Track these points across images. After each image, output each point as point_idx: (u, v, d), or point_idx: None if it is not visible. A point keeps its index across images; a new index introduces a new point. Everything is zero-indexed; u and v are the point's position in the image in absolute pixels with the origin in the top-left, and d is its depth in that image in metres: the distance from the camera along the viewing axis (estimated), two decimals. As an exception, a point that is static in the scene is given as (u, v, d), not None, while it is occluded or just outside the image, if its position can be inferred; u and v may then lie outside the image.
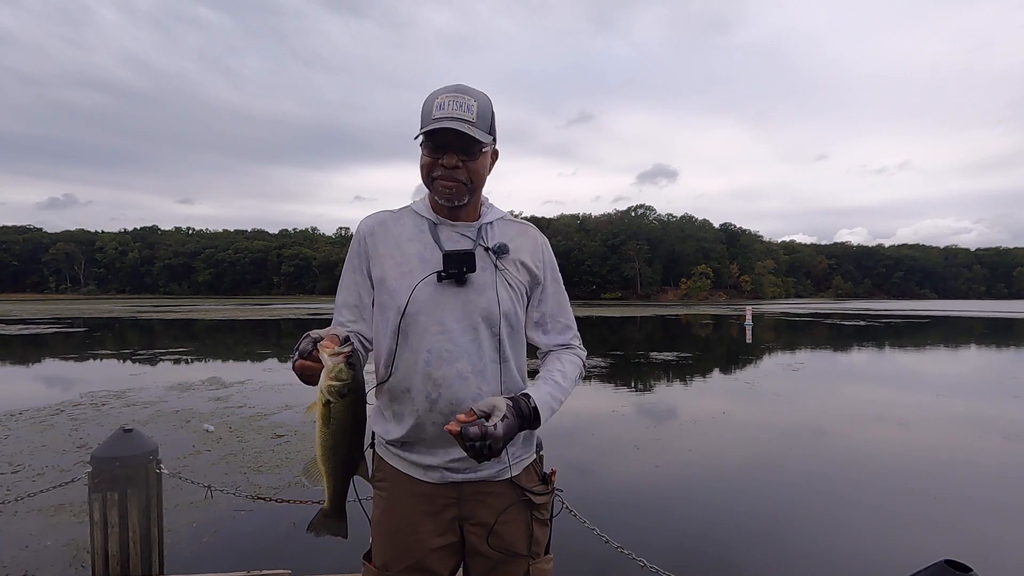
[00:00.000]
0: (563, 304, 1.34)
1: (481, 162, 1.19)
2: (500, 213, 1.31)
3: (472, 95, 1.16)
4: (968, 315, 39.63)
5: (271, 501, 3.34)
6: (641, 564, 2.32)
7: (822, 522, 3.82)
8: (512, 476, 1.24)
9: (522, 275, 1.27)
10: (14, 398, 7.85)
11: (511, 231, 1.29)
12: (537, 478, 1.32)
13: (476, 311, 1.18)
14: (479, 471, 1.21)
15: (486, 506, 1.22)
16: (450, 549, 1.24)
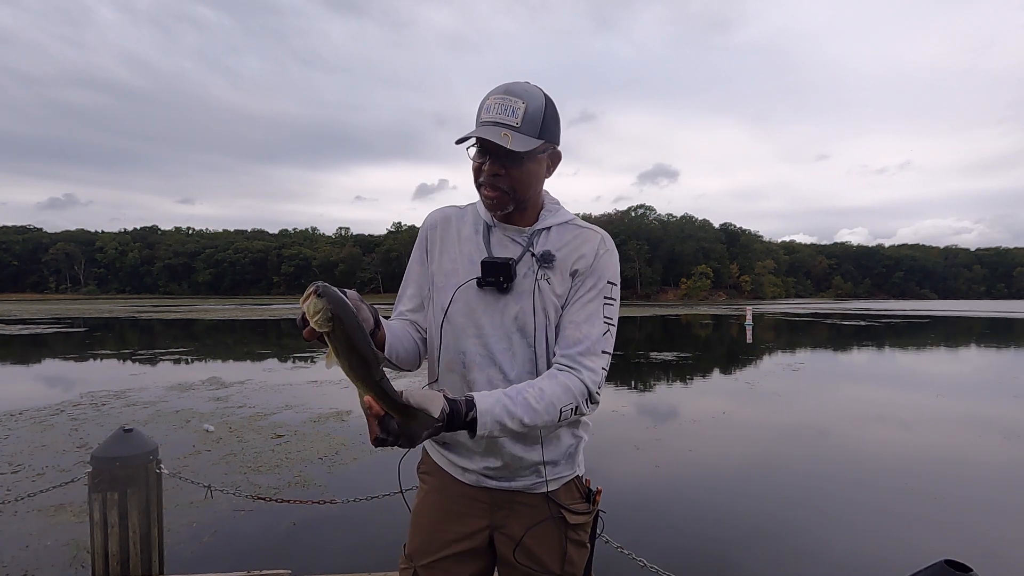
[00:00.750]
0: (590, 316, 1.15)
1: (527, 169, 1.12)
2: (565, 217, 1.22)
3: (521, 96, 1.10)
4: (968, 315, 39.64)
5: (271, 501, 3.34)
6: (641, 564, 2.32)
7: (822, 522, 3.82)
8: (549, 491, 1.20)
9: (567, 284, 1.17)
10: (14, 398, 7.85)
11: (568, 237, 1.19)
12: (579, 495, 1.25)
13: (511, 319, 1.15)
14: (514, 481, 1.18)
15: (518, 517, 1.20)
16: (474, 554, 1.21)
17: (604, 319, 1.15)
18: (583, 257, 1.17)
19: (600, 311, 1.15)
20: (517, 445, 1.17)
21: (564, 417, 1.08)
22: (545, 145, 1.14)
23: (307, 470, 4.75)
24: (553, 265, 1.16)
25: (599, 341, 1.14)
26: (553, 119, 1.15)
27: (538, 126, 1.10)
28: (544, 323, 1.15)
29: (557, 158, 1.21)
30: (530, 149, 1.08)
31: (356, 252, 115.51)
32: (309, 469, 4.77)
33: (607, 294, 1.17)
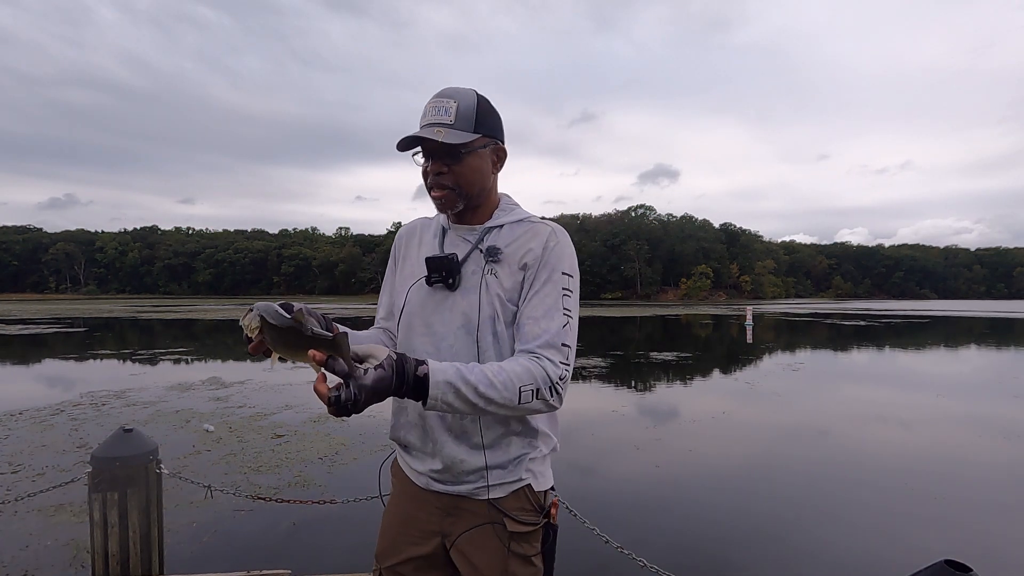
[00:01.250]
0: (548, 310, 1.10)
1: (469, 164, 1.14)
2: (519, 215, 1.22)
3: (454, 96, 1.13)
4: (968, 315, 39.64)
5: (271, 501, 3.34)
6: (641, 564, 2.32)
7: (822, 522, 3.82)
8: (491, 497, 1.16)
9: (516, 277, 1.15)
10: (14, 398, 7.85)
11: (518, 232, 1.19)
12: (530, 507, 1.20)
13: (459, 315, 1.15)
14: (459, 485, 1.17)
15: (461, 523, 1.17)
16: (430, 562, 1.20)
17: (563, 311, 1.11)
18: (531, 251, 1.15)
19: (558, 304, 1.12)
20: (460, 447, 1.15)
21: (524, 401, 1.03)
22: (484, 140, 1.16)
23: (307, 470, 4.75)
24: (500, 259, 1.15)
25: (558, 334, 1.09)
26: (488, 114, 1.16)
27: (472, 121, 1.13)
28: (490, 316, 1.13)
29: (502, 153, 1.22)
30: (466, 142, 1.11)
31: (356, 252, 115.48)
32: (309, 469, 4.77)
33: (563, 285, 1.13)
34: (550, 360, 1.07)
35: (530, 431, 1.21)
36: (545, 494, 1.25)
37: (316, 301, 73.05)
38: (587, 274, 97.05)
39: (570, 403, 7.55)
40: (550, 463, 1.29)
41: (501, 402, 1.02)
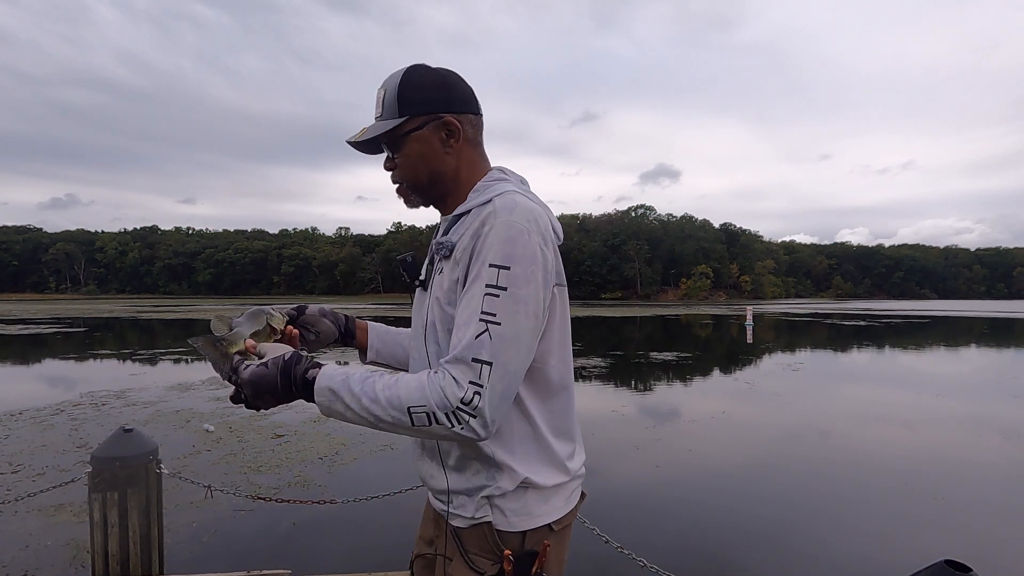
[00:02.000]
0: (469, 316, 0.89)
1: (408, 151, 1.02)
2: (488, 195, 0.98)
3: (384, 83, 1.03)
4: (968, 315, 39.65)
5: (271, 501, 3.34)
6: (641, 564, 2.31)
7: (822, 522, 3.82)
8: (454, 525, 1.02)
9: (454, 275, 0.97)
10: (14, 398, 7.85)
11: (472, 217, 0.98)
12: (488, 549, 0.98)
13: (420, 317, 1.06)
14: (436, 501, 1.08)
15: (441, 542, 1.07)
16: (428, 564, 1.14)
17: (480, 317, 0.88)
18: (463, 238, 0.96)
19: (479, 307, 0.88)
20: (430, 462, 1.06)
21: (419, 424, 0.87)
22: (418, 120, 1.00)
23: (307, 470, 4.75)
24: (449, 253, 0.98)
25: (470, 346, 0.87)
26: (417, 88, 1.01)
27: (395, 105, 1.00)
28: (432, 322, 1.01)
29: (453, 126, 1.02)
30: (387, 130, 1.00)
31: (356, 252, 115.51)
32: (309, 469, 4.77)
33: (489, 282, 0.89)
34: (453, 379, 0.86)
35: (485, 459, 0.98)
36: (520, 536, 0.99)
37: (316, 301, 72.99)
38: (587, 274, 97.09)
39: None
40: (541, 499, 1.01)
41: (391, 421, 0.88)
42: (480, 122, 1.09)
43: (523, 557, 0.98)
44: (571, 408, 1.07)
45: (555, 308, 0.97)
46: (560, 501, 1.03)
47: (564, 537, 1.07)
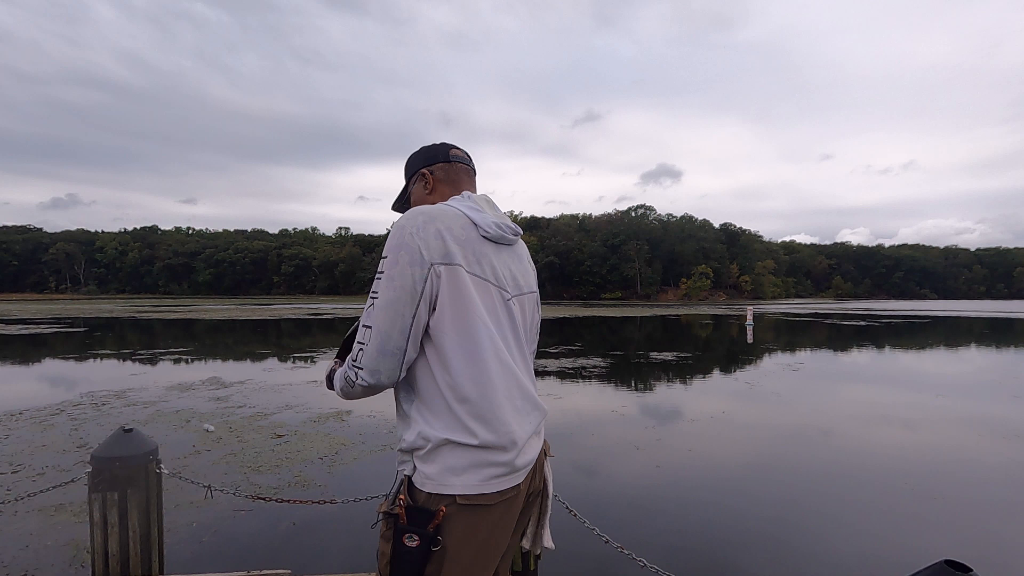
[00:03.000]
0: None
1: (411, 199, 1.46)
2: None
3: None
4: (968, 315, 39.64)
5: (271, 501, 3.34)
6: (641, 564, 2.31)
7: (822, 522, 3.82)
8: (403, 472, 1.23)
9: None
10: (14, 398, 7.85)
11: None
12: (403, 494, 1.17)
13: None
14: None
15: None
16: None
17: (370, 295, 1.20)
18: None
19: (372, 289, 1.20)
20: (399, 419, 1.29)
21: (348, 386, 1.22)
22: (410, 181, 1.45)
23: (307, 470, 4.75)
24: None
25: (363, 317, 1.19)
26: (409, 163, 1.45)
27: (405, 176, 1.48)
28: None
29: (427, 175, 1.40)
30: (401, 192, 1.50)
31: (356, 252, 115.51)
32: (309, 469, 4.77)
33: (378, 270, 1.19)
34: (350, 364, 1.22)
35: (404, 415, 1.24)
36: (425, 496, 1.14)
37: (316, 301, 73.03)
38: (587, 274, 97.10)
39: (571, 403, 7.57)
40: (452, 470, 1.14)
41: (343, 390, 1.24)
42: (452, 167, 1.40)
43: (417, 511, 1.13)
44: (489, 385, 1.17)
45: (442, 283, 1.16)
46: (472, 479, 1.14)
47: (476, 517, 1.14)
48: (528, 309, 1.37)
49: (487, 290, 1.23)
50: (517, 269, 1.34)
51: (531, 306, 1.39)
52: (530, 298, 1.38)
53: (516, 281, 1.32)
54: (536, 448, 1.27)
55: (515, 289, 1.31)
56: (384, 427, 6.18)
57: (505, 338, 1.24)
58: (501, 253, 1.30)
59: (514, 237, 1.33)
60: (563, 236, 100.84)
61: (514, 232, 1.32)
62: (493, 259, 1.26)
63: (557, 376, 10.07)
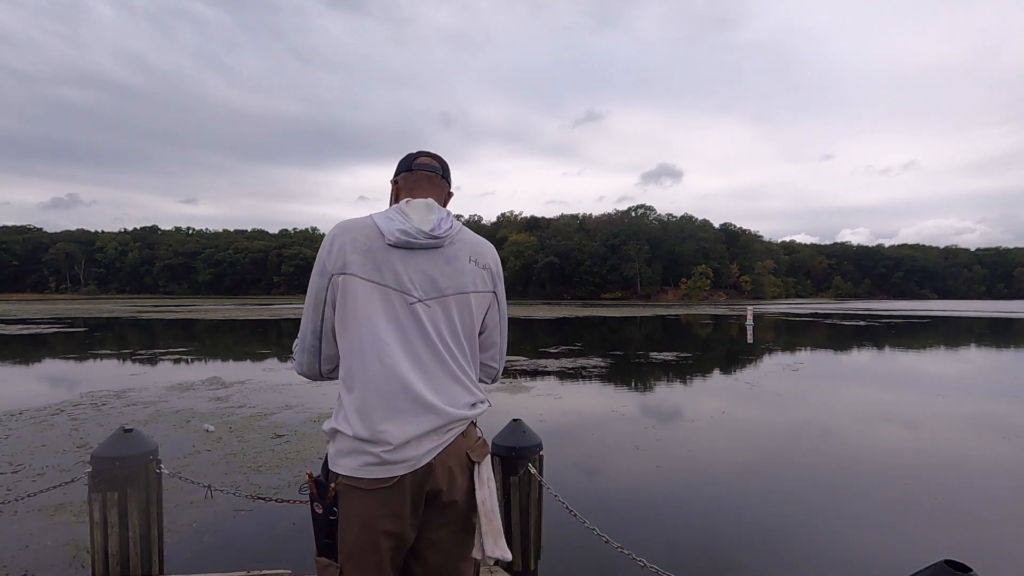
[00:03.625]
0: None
1: None
2: None
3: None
4: (968, 315, 39.64)
5: (271, 501, 3.33)
6: (641, 564, 2.31)
7: (821, 522, 3.82)
8: None
9: None
10: (14, 398, 7.85)
11: None
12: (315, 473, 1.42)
13: None
14: None
15: None
16: None
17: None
18: None
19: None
20: None
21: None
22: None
23: (307, 470, 4.74)
24: None
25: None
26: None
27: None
28: None
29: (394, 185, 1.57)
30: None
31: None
32: (309, 469, 4.77)
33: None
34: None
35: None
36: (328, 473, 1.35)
37: (316, 301, 72.90)
38: (587, 274, 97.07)
39: (571, 403, 7.57)
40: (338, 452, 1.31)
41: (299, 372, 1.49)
42: (414, 175, 1.50)
43: (319, 484, 1.33)
44: (365, 384, 1.29)
45: (339, 291, 1.31)
46: (351, 463, 1.28)
47: (356, 498, 1.27)
48: (455, 310, 1.38)
49: (385, 295, 1.30)
50: (439, 272, 1.36)
51: (461, 306, 1.39)
52: (459, 299, 1.38)
53: (434, 283, 1.35)
54: (424, 449, 1.30)
55: (429, 292, 1.34)
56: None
57: (405, 340, 1.31)
58: (414, 258, 1.34)
59: (430, 241, 1.34)
60: (563, 236, 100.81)
61: (428, 236, 1.34)
62: (398, 265, 1.32)
63: (557, 376, 10.07)
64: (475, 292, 1.43)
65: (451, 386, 1.36)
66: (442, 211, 1.41)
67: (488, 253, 1.49)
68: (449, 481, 1.34)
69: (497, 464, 2.92)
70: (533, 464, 2.87)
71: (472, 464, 1.38)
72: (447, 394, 1.34)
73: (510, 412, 6.86)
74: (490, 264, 1.48)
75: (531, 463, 2.86)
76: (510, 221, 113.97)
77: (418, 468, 1.29)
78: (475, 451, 1.39)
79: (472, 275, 1.43)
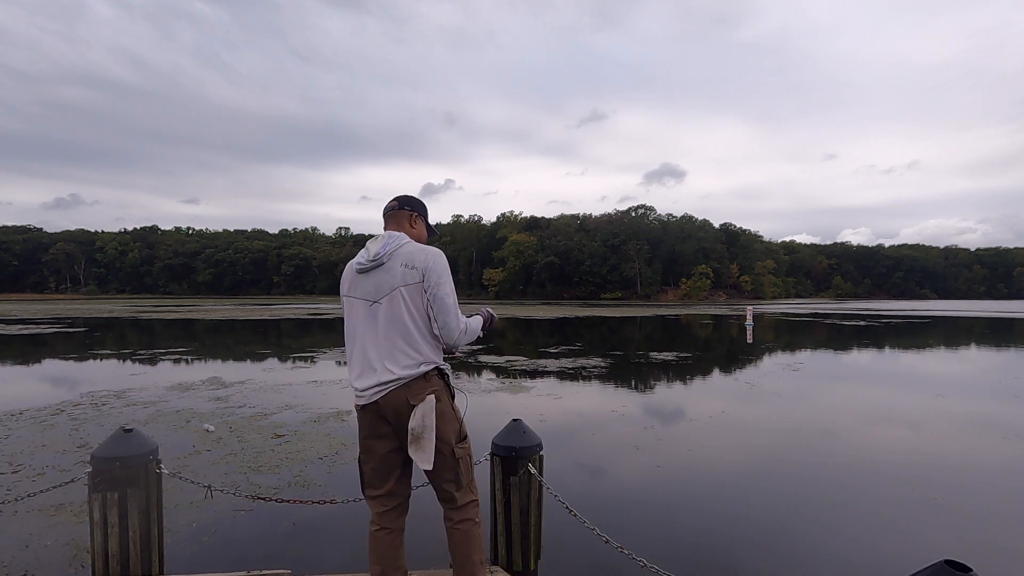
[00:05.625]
0: None
1: None
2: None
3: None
4: (968, 315, 39.64)
5: (271, 501, 3.34)
6: (641, 564, 2.31)
7: (821, 522, 3.82)
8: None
9: None
10: (14, 398, 7.85)
11: None
12: None
13: None
14: None
15: None
16: None
17: None
18: None
19: None
20: None
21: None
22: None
23: (307, 470, 4.75)
24: None
25: None
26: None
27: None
28: None
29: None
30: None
31: (356, 252, 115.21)
32: (309, 469, 4.77)
33: None
34: None
35: None
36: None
37: (316, 301, 73.01)
38: (587, 274, 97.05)
39: (571, 403, 7.57)
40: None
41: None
42: (385, 217, 2.33)
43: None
44: (351, 354, 2.18)
45: (343, 304, 2.26)
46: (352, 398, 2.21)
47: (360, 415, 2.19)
48: (392, 303, 2.10)
49: (357, 304, 2.18)
50: (381, 282, 2.12)
51: (394, 300, 2.10)
52: (392, 295, 2.10)
53: (378, 290, 2.12)
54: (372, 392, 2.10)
55: (377, 296, 2.12)
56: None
57: (371, 327, 2.12)
58: (370, 277, 2.14)
59: (373, 263, 2.12)
60: (563, 236, 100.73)
61: (371, 261, 2.13)
62: (360, 283, 2.17)
63: (557, 376, 10.07)
64: (404, 286, 2.09)
65: (394, 354, 2.08)
66: (386, 239, 2.16)
67: (419, 256, 2.11)
68: (395, 414, 2.10)
69: (497, 464, 2.93)
70: (533, 464, 2.87)
71: (411, 405, 2.07)
72: (390, 360, 2.08)
73: (510, 412, 6.86)
74: (417, 264, 2.10)
75: (531, 463, 2.86)
76: (510, 221, 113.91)
77: (368, 403, 2.12)
78: (414, 396, 2.07)
79: (402, 276, 2.09)
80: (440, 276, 2.11)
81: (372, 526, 2.28)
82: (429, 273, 2.09)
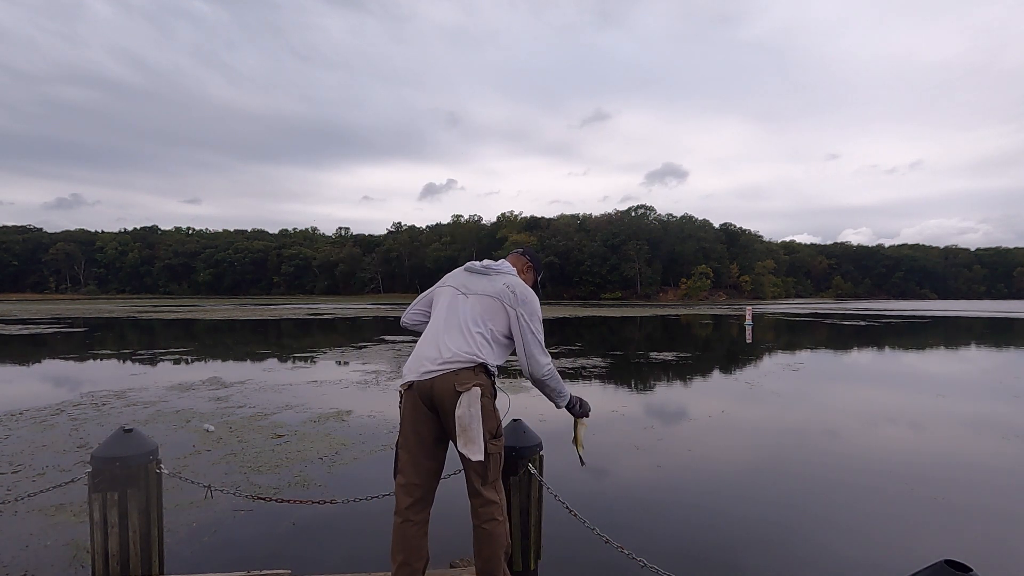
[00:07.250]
0: None
1: None
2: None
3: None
4: (968, 315, 39.64)
5: (271, 501, 3.34)
6: (641, 564, 2.31)
7: (822, 522, 3.82)
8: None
9: None
10: (14, 398, 7.85)
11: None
12: None
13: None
14: None
15: None
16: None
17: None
18: None
19: None
20: None
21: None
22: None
23: (307, 470, 4.75)
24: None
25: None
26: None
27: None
28: None
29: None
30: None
31: (356, 252, 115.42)
32: (309, 469, 4.77)
33: None
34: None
35: None
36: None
37: (316, 301, 73.01)
38: (587, 274, 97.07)
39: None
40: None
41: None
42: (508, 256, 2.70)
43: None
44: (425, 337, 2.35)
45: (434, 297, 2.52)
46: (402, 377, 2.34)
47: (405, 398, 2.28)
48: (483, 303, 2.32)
49: (448, 291, 2.42)
50: (480, 285, 2.37)
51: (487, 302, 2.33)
52: (483, 297, 2.34)
53: (474, 288, 2.37)
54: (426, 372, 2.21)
55: (470, 291, 2.36)
56: (384, 427, 6.18)
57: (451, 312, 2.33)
58: (472, 278, 2.42)
59: (482, 268, 2.45)
60: (563, 236, 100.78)
61: (483, 266, 2.45)
62: (461, 278, 2.45)
63: (557, 376, 10.06)
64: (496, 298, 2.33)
65: (456, 339, 2.24)
66: (502, 263, 2.50)
67: (520, 288, 2.36)
68: (440, 398, 2.18)
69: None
70: (533, 464, 2.87)
71: (457, 393, 2.15)
72: (452, 342, 2.24)
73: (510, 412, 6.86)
74: (517, 292, 2.33)
75: (531, 463, 2.86)
76: (510, 221, 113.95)
77: (418, 380, 2.22)
78: (460, 383, 2.16)
79: (500, 291, 2.34)
80: (533, 314, 2.31)
81: (397, 518, 2.26)
82: (524, 306, 2.30)
